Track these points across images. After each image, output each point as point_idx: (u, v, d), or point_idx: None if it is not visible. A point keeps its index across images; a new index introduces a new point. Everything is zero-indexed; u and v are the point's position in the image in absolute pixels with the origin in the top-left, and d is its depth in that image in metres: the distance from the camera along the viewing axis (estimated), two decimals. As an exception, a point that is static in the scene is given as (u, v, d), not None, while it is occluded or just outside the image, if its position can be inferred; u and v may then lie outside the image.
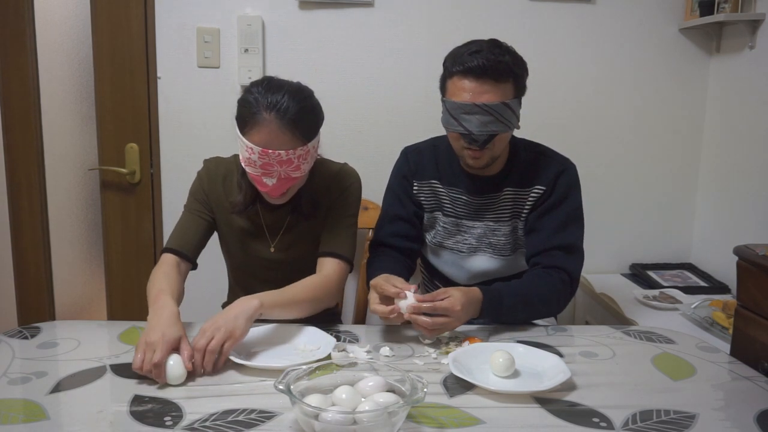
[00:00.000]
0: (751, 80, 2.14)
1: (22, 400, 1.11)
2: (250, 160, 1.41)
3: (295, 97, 1.41)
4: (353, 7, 2.26)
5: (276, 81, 1.44)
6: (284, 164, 1.40)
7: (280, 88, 1.41)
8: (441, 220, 1.71)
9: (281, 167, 1.41)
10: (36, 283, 2.42)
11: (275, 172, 1.41)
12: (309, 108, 1.44)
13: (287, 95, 1.40)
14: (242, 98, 1.44)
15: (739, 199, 2.21)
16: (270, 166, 1.40)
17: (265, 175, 1.42)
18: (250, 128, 1.40)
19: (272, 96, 1.39)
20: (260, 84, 1.43)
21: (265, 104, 1.39)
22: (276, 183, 1.43)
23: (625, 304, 2.06)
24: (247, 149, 1.40)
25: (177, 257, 1.53)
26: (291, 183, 1.45)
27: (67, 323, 1.81)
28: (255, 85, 1.44)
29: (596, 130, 2.39)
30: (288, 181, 1.44)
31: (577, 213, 1.63)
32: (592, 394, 1.17)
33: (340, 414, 0.96)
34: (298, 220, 1.60)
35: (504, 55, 1.49)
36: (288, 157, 1.39)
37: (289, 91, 1.41)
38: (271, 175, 1.42)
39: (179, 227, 1.59)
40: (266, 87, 1.41)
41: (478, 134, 1.48)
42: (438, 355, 1.33)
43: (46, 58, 2.31)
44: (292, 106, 1.39)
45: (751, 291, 1.43)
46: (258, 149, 1.38)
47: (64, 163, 2.38)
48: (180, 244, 1.55)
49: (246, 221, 1.60)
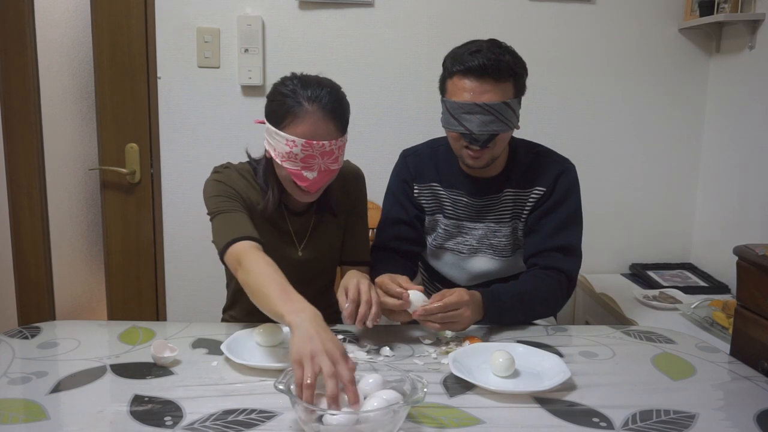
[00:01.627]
0: (751, 80, 2.14)
1: (22, 400, 1.11)
2: (291, 153, 1.39)
3: (331, 89, 1.43)
4: (353, 7, 2.26)
5: (306, 75, 1.46)
6: (326, 156, 1.40)
7: (314, 81, 1.43)
8: (442, 222, 1.71)
9: (323, 159, 1.40)
10: (36, 283, 2.42)
11: (316, 165, 1.40)
12: (344, 99, 1.46)
13: (323, 87, 1.41)
14: (276, 94, 1.44)
15: (739, 199, 2.21)
16: (312, 158, 1.39)
17: (306, 168, 1.41)
18: (290, 121, 1.39)
19: (310, 88, 1.40)
20: (293, 79, 1.44)
21: (306, 96, 1.39)
22: (317, 176, 1.41)
23: (625, 304, 2.06)
24: (288, 143, 1.39)
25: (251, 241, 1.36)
26: (330, 176, 1.45)
27: (67, 323, 1.81)
28: (287, 80, 1.45)
29: (596, 129, 2.40)
30: (327, 174, 1.43)
31: (576, 214, 1.63)
32: (591, 394, 1.17)
33: (342, 414, 0.96)
34: (322, 221, 1.60)
35: (504, 54, 1.49)
36: (330, 148, 1.40)
37: (323, 83, 1.43)
38: (311, 168, 1.41)
39: (226, 225, 1.41)
40: (301, 81, 1.43)
41: (479, 134, 1.48)
42: (438, 355, 1.33)
43: (46, 58, 2.31)
44: (331, 96, 1.41)
45: (751, 291, 1.43)
46: (301, 141, 1.38)
47: (64, 163, 2.38)
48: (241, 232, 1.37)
49: (271, 226, 1.55)
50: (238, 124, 2.30)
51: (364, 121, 2.32)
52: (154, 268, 2.40)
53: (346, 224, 1.65)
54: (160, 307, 2.42)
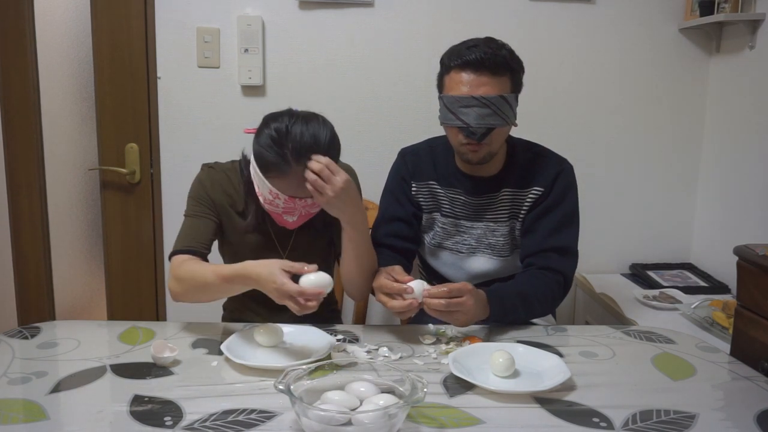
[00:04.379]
0: (751, 80, 2.14)
1: (22, 400, 1.11)
2: (274, 203, 1.42)
3: (322, 141, 1.37)
4: (353, 7, 2.26)
5: (298, 120, 1.38)
6: (308, 206, 1.43)
7: (304, 132, 1.36)
8: (439, 220, 1.71)
9: (304, 208, 1.43)
10: (36, 283, 2.42)
11: (297, 212, 1.43)
12: (334, 150, 1.42)
13: (314, 141, 1.36)
14: (263, 137, 1.39)
15: (739, 199, 2.20)
16: (293, 209, 1.42)
17: (287, 213, 1.44)
18: (275, 176, 1.38)
19: (299, 143, 1.35)
20: (282, 121, 1.38)
21: (293, 154, 1.35)
22: (297, 220, 1.46)
23: (625, 304, 2.06)
24: (271, 193, 1.40)
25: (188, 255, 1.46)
26: (310, 217, 1.48)
27: (67, 323, 1.81)
28: (276, 120, 1.39)
29: (596, 129, 2.39)
30: (308, 216, 1.47)
31: (572, 215, 1.64)
32: (592, 394, 1.17)
33: (340, 414, 0.96)
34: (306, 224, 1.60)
35: (501, 49, 1.51)
36: (313, 201, 1.41)
37: (314, 135, 1.37)
38: (292, 214, 1.44)
39: (186, 230, 1.52)
40: (290, 129, 1.36)
41: (476, 127, 1.49)
42: (438, 355, 1.33)
43: (46, 58, 2.31)
44: (320, 152, 1.36)
45: (751, 291, 1.43)
46: (284, 197, 1.39)
47: (64, 163, 2.38)
48: (188, 243, 1.48)
49: (255, 232, 1.58)
50: (238, 124, 2.28)
51: (363, 121, 2.32)
52: (154, 268, 2.40)
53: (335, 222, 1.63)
54: (160, 307, 2.42)
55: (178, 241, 1.51)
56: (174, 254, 1.49)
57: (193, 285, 1.42)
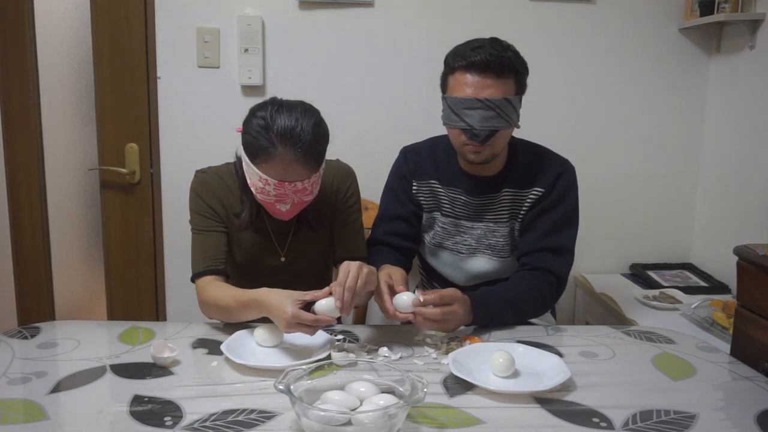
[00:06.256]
0: (751, 80, 2.14)
1: (22, 400, 1.11)
2: (264, 190, 1.41)
3: (306, 125, 1.37)
4: (353, 7, 2.26)
5: (282, 106, 1.40)
6: (299, 192, 1.41)
7: (289, 117, 1.37)
8: (440, 220, 1.71)
9: (296, 195, 1.42)
10: (36, 283, 2.42)
11: (289, 199, 1.42)
12: (320, 134, 1.41)
13: (298, 124, 1.36)
14: (250, 127, 1.40)
15: (739, 199, 2.20)
16: (285, 196, 1.41)
17: (279, 202, 1.43)
18: (263, 161, 1.38)
19: (283, 126, 1.36)
20: (266, 109, 1.39)
21: (278, 137, 1.35)
22: (290, 208, 1.45)
23: (625, 304, 2.06)
24: (261, 180, 1.39)
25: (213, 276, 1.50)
26: (304, 206, 1.47)
27: (67, 323, 1.81)
28: (261, 109, 1.40)
29: (596, 129, 2.39)
30: (301, 204, 1.46)
31: (571, 215, 1.64)
32: (591, 394, 1.17)
33: (340, 414, 0.96)
34: (304, 224, 1.60)
35: (506, 51, 1.50)
36: (303, 186, 1.40)
37: (298, 119, 1.37)
38: (285, 202, 1.43)
39: (198, 248, 1.53)
40: (274, 115, 1.37)
41: (479, 129, 1.48)
42: (438, 355, 1.33)
43: (46, 58, 2.30)
44: (305, 135, 1.36)
45: (751, 291, 1.43)
46: (273, 181, 1.38)
47: (64, 163, 2.38)
48: (205, 264, 1.51)
49: (253, 232, 1.58)
50: (238, 125, 2.28)
51: (363, 121, 2.32)
52: (154, 268, 2.40)
53: (337, 222, 1.63)
54: (160, 307, 2.42)
55: (195, 262, 1.53)
56: (195, 276, 1.51)
57: (217, 310, 1.47)
